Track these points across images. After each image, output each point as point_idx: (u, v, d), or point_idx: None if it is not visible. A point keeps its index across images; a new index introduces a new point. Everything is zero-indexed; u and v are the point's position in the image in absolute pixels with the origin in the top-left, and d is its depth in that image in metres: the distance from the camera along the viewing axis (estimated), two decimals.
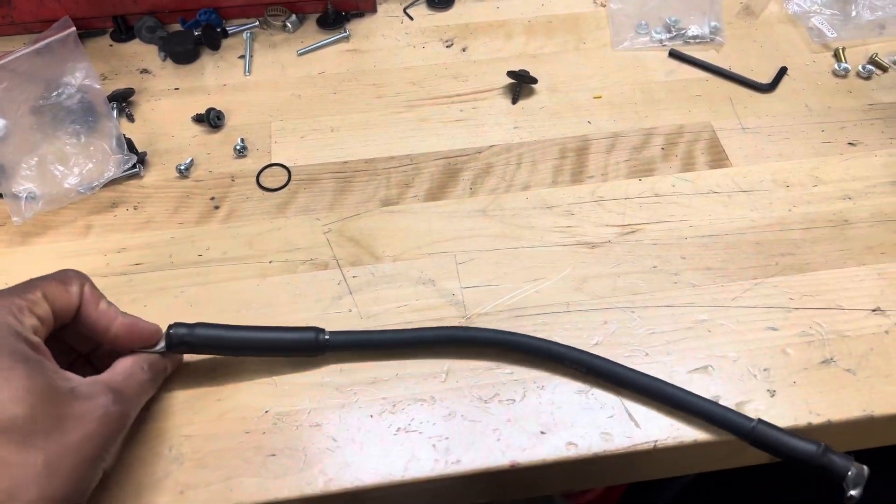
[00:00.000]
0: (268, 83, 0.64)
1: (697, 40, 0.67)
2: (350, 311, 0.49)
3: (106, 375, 0.39)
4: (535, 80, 0.63)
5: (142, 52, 0.67)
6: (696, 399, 0.44)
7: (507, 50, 0.67)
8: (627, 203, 0.56)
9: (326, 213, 0.55)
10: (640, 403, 0.45)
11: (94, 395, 0.36)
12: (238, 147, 0.58)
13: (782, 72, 0.64)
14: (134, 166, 0.56)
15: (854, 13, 0.68)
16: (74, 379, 0.36)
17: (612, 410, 0.45)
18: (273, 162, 0.58)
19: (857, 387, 0.46)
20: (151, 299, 0.50)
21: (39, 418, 0.33)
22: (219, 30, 0.66)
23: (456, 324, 0.49)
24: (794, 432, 0.42)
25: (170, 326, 0.44)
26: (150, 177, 0.58)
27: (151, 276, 0.51)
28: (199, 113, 0.60)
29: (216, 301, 0.50)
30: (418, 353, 0.47)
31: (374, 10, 0.70)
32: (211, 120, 0.59)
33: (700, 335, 0.48)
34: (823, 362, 0.47)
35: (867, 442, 0.48)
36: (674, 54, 0.66)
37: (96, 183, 0.55)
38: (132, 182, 0.57)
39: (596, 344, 0.48)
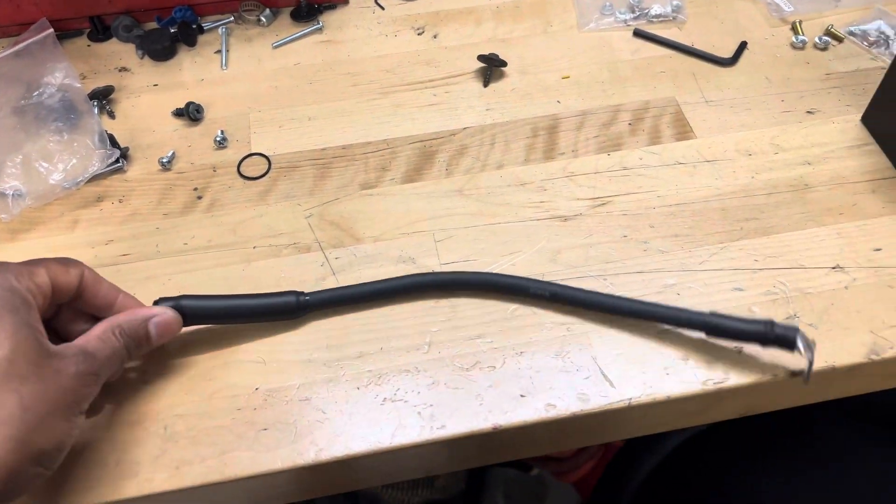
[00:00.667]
0: (245, 76, 0.66)
1: (660, 19, 0.69)
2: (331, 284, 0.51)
3: (80, 340, 0.41)
4: (504, 63, 0.65)
5: (119, 51, 0.68)
6: (652, 307, 0.48)
7: (477, 35, 0.69)
8: (597, 177, 0.58)
9: (307, 198, 0.57)
10: (614, 364, 0.47)
11: (68, 354, 0.39)
12: (218, 139, 0.60)
13: (742, 46, 0.66)
14: (117, 161, 0.58)
15: None
16: (50, 343, 0.39)
17: (588, 372, 0.47)
18: (253, 151, 0.60)
19: (819, 339, 0.48)
20: (140, 288, 0.51)
21: (18, 364, 0.36)
22: (194, 26, 0.68)
23: (435, 298, 0.51)
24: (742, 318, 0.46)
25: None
26: (134, 171, 0.59)
27: (139, 266, 0.53)
28: (178, 107, 0.62)
29: (203, 287, 0.51)
30: (396, 302, 0.50)
31: (346, 2, 0.72)
32: (190, 113, 0.61)
33: (669, 298, 0.50)
34: (787, 318, 0.49)
35: (829, 392, 0.50)
36: (638, 33, 0.68)
37: (81, 178, 0.56)
38: (116, 176, 0.59)
39: (570, 311, 0.50)
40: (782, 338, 0.44)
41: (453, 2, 0.72)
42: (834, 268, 0.51)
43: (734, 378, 0.47)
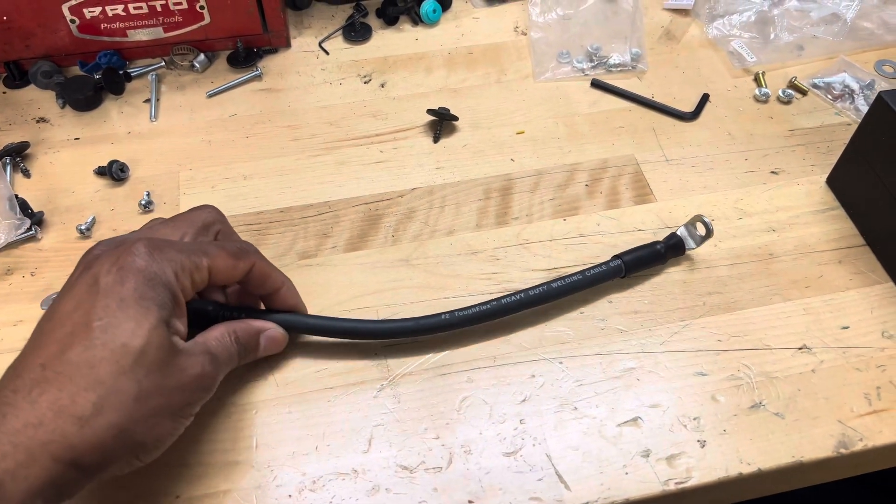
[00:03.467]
0: (176, 129, 0.61)
1: (619, 68, 0.66)
2: (266, 378, 0.47)
3: (200, 338, 0.41)
4: (455, 118, 0.61)
5: (38, 99, 0.63)
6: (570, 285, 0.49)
7: (427, 84, 0.65)
8: (553, 245, 0.54)
9: None
10: (570, 462, 0.44)
11: (196, 353, 0.39)
12: (143, 202, 0.55)
13: (704, 99, 0.64)
14: (29, 228, 0.53)
15: (773, 35, 0.68)
16: (184, 342, 0.39)
17: (542, 472, 0.43)
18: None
19: (786, 431, 0.45)
20: None
21: (147, 356, 0.36)
22: (121, 73, 0.63)
23: (378, 387, 0.47)
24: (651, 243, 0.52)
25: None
26: (49, 239, 0.54)
27: None
28: (101, 165, 0.57)
29: None
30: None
31: (287, 45, 0.68)
32: (114, 173, 0.56)
33: (629, 384, 0.47)
34: (752, 407, 0.46)
35: (797, 483, 0.47)
36: (596, 84, 0.65)
37: None
38: (28, 245, 0.53)
39: (524, 400, 0.46)
40: (674, 249, 0.52)
41: (402, 46, 0.68)
42: (800, 348, 0.49)
43: (697, 476, 0.43)
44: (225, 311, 0.44)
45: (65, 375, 0.34)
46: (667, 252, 0.52)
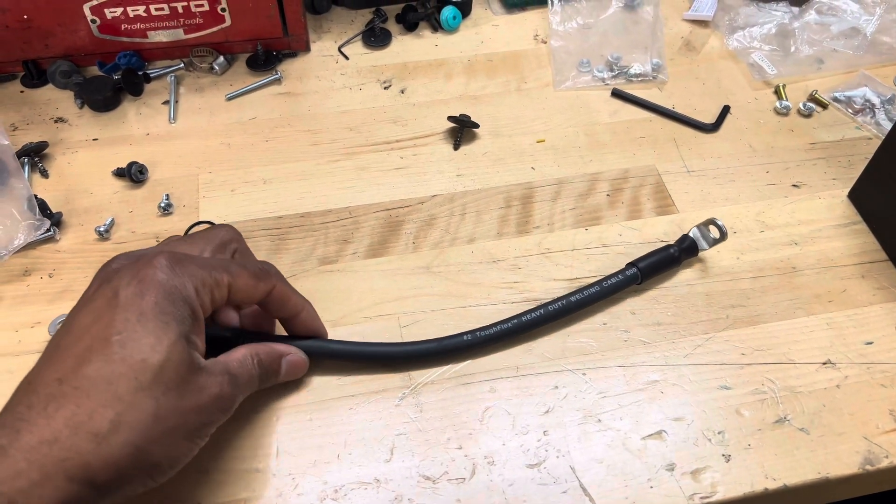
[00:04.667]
0: (195, 131, 0.61)
1: (640, 78, 0.66)
2: (287, 385, 0.46)
3: (223, 358, 0.40)
4: (476, 125, 0.61)
5: (56, 99, 0.62)
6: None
7: (447, 91, 0.65)
8: (574, 255, 0.54)
9: None
10: (594, 475, 0.43)
11: (216, 372, 0.38)
12: (163, 204, 0.55)
13: (725, 111, 0.63)
14: (48, 230, 0.52)
15: (793, 48, 0.67)
16: (202, 358, 0.38)
17: (566, 485, 0.43)
18: (201, 219, 0.55)
19: (811, 447, 0.45)
20: None
21: (166, 373, 0.35)
22: (140, 73, 0.62)
23: (400, 395, 0.46)
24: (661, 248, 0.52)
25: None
26: (67, 240, 0.53)
27: None
28: (119, 167, 0.56)
29: None
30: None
31: (307, 50, 0.67)
32: (133, 175, 0.56)
33: (653, 397, 0.47)
34: (777, 422, 0.46)
35: (822, 499, 0.47)
36: (616, 94, 0.65)
37: (5, 252, 0.51)
38: (47, 246, 0.53)
39: (547, 411, 0.46)
40: (689, 251, 0.52)
41: (422, 53, 0.68)
42: (825, 363, 0.48)
43: (722, 491, 0.43)
44: (244, 337, 0.44)
45: (82, 391, 0.33)
46: (681, 255, 0.52)
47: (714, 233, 0.52)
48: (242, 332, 0.45)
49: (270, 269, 0.43)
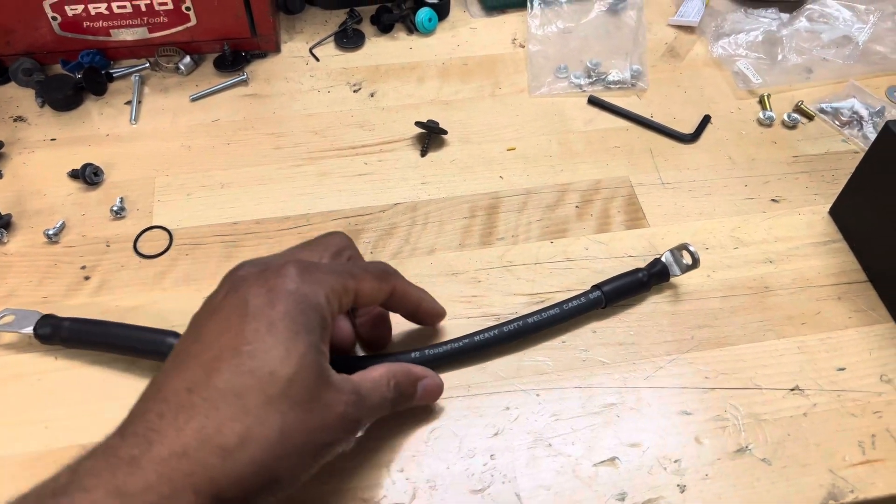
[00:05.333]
0: (155, 133, 0.59)
1: (619, 86, 0.63)
2: None
3: (357, 377, 0.38)
4: (444, 132, 0.59)
5: (18, 97, 0.61)
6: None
7: (418, 95, 0.63)
8: (538, 269, 0.52)
9: (210, 283, 0.49)
10: (540, 502, 0.41)
11: (344, 391, 0.36)
12: (115, 208, 0.53)
13: (706, 120, 0.61)
14: None
15: (780, 56, 0.65)
16: (332, 371, 0.37)
17: None
18: (154, 224, 0.53)
19: (772, 479, 0.42)
20: (10, 390, 0.44)
21: (294, 386, 0.34)
22: (103, 73, 0.61)
23: None
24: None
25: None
26: (15, 243, 0.52)
27: (7, 361, 0.46)
28: (74, 168, 0.55)
29: (79, 389, 0.45)
30: None
31: (277, 51, 0.66)
32: (87, 177, 0.54)
33: (608, 421, 0.45)
34: (738, 451, 0.43)
35: None
36: (593, 101, 0.62)
37: None
38: None
39: (496, 434, 0.44)
40: (659, 275, 0.49)
41: (395, 55, 0.66)
42: (792, 389, 0.46)
43: None
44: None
45: (211, 403, 0.32)
46: (650, 280, 0.49)
47: (686, 258, 0.50)
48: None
49: (388, 269, 0.42)
